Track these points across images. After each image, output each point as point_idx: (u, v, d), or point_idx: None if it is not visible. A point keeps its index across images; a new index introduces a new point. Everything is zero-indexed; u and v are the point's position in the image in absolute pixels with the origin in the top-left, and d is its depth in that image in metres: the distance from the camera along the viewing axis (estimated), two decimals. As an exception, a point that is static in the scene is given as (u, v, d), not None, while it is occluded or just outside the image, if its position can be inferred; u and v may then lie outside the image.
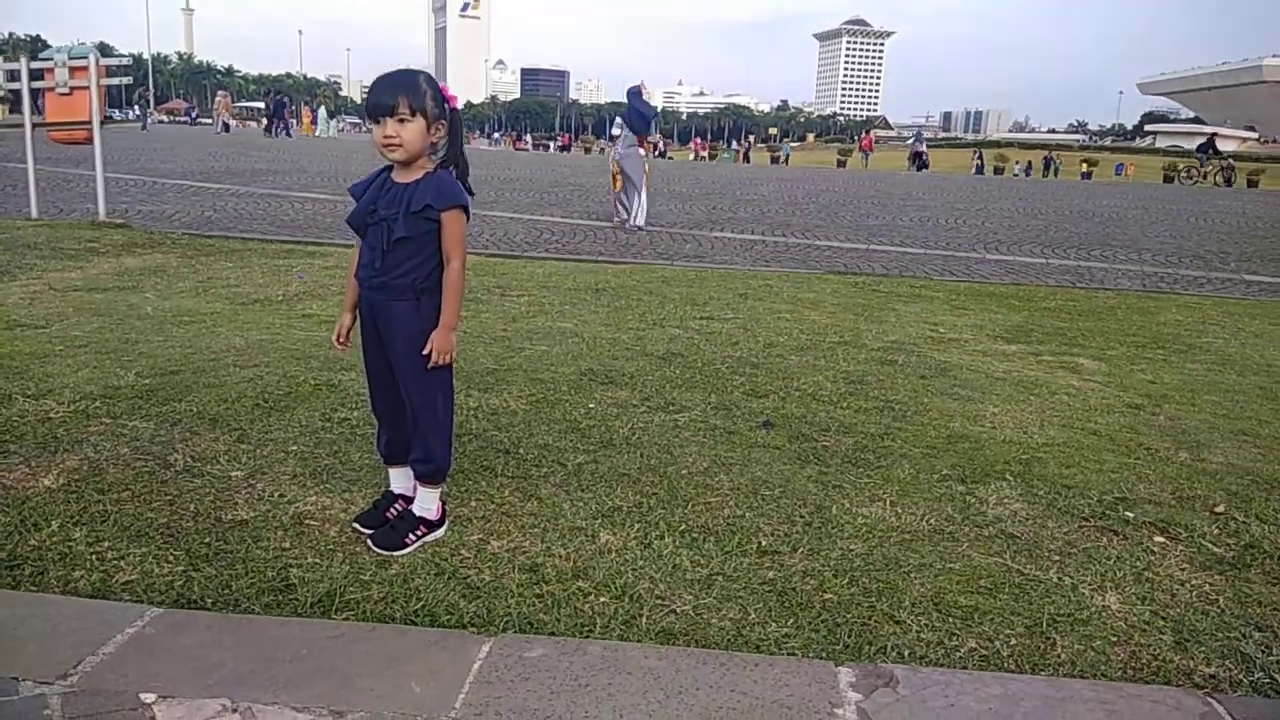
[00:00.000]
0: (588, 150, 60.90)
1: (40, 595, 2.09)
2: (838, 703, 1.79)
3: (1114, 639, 2.15)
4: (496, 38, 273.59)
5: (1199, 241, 13.02)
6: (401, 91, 2.25)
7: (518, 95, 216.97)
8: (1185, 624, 2.23)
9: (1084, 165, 50.70)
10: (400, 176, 2.33)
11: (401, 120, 2.25)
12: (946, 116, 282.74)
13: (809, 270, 8.33)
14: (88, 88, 8.44)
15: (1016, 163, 54.33)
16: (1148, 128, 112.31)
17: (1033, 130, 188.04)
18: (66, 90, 8.48)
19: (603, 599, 2.25)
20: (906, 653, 2.06)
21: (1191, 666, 2.06)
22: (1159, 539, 2.69)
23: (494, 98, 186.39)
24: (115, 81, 8.89)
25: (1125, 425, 3.79)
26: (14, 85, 8.58)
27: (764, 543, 2.56)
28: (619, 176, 11.04)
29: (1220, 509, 2.90)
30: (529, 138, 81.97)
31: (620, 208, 11.16)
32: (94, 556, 2.30)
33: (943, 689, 1.83)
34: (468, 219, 2.36)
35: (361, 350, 2.48)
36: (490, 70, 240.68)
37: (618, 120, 11.68)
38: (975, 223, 14.16)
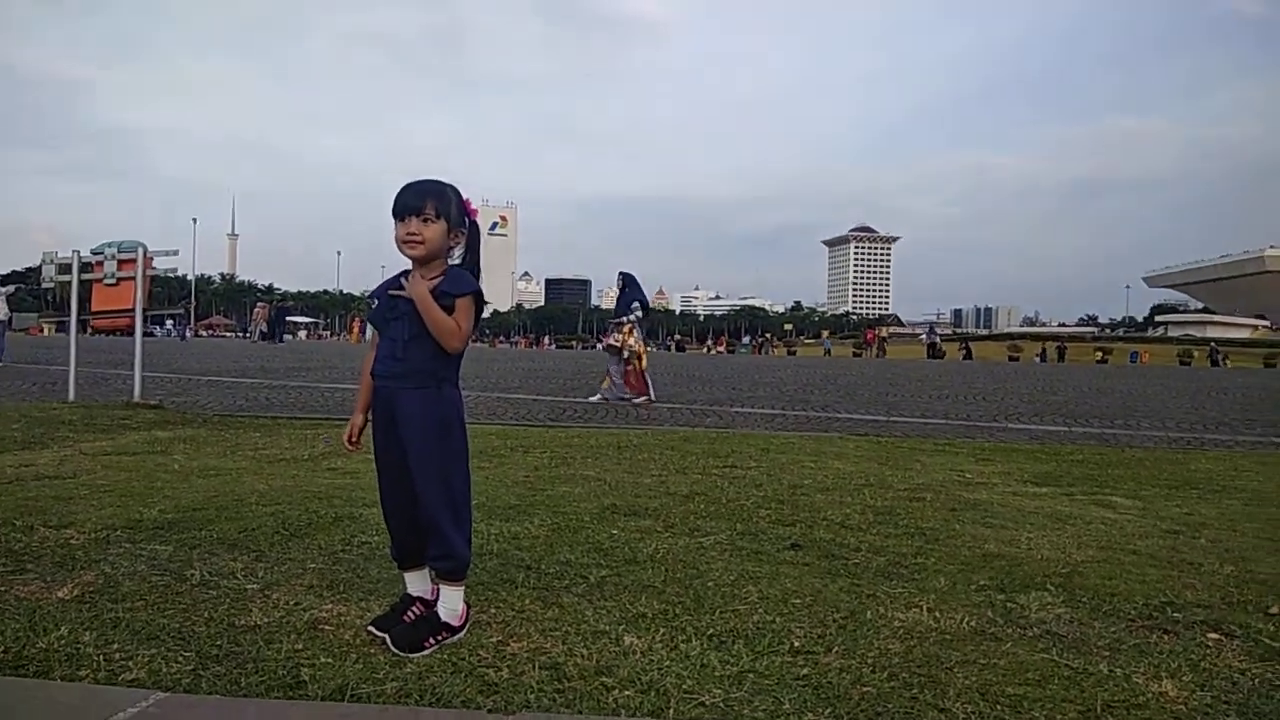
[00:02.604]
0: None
1: (43, 681, 2.01)
2: (881, 769, 1.65)
3: (1177, 722, 2.00)
4: (523, 252, 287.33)
5: (1222, 411, 12.96)
6: (429, 196, 2.39)
7: (542, 303, 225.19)
8: (1251, 708, 2.08)
9: (1098, 354, 51.39)
10: (419, 275, 2.43)
11: (425, 220, 2.37)
12: (957, 313, 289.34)
13: (830, 434, 8.33)
14: (134, 279, 8.91)
15: (1036, 355, 55.21)
16: (1158, 318, 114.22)
17: (1043, 324, 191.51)
18: (114, 281, 8.94)
19: (628, 693, 2.13)
20: (954, 736, 1.93)
21: (1265, 745, 1.90)
22: (1212, 636, 2.54)
23: (519, 306, 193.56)
24: (162, 271, 9.35)
25: (1165, 546, 3.66)
26: (64, 278, 9.07)
27: (796, 644, 2.44)
28: (645, 355, 11.41)
29: (1275, 610, 2.75)
30: (547, 339, 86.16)
31: (649, 384, 11.43)
32: (101, 657, 2.22)
33: (995, 755, 1.69)
34: (479, 312, 2.43)
35: (374, 450, 2.48)
36: (517, 281, 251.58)
37: (634, 304, 11.96)
38: (995, 399, 14.21)
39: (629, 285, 12.00)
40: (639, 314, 11.94)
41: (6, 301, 16.63)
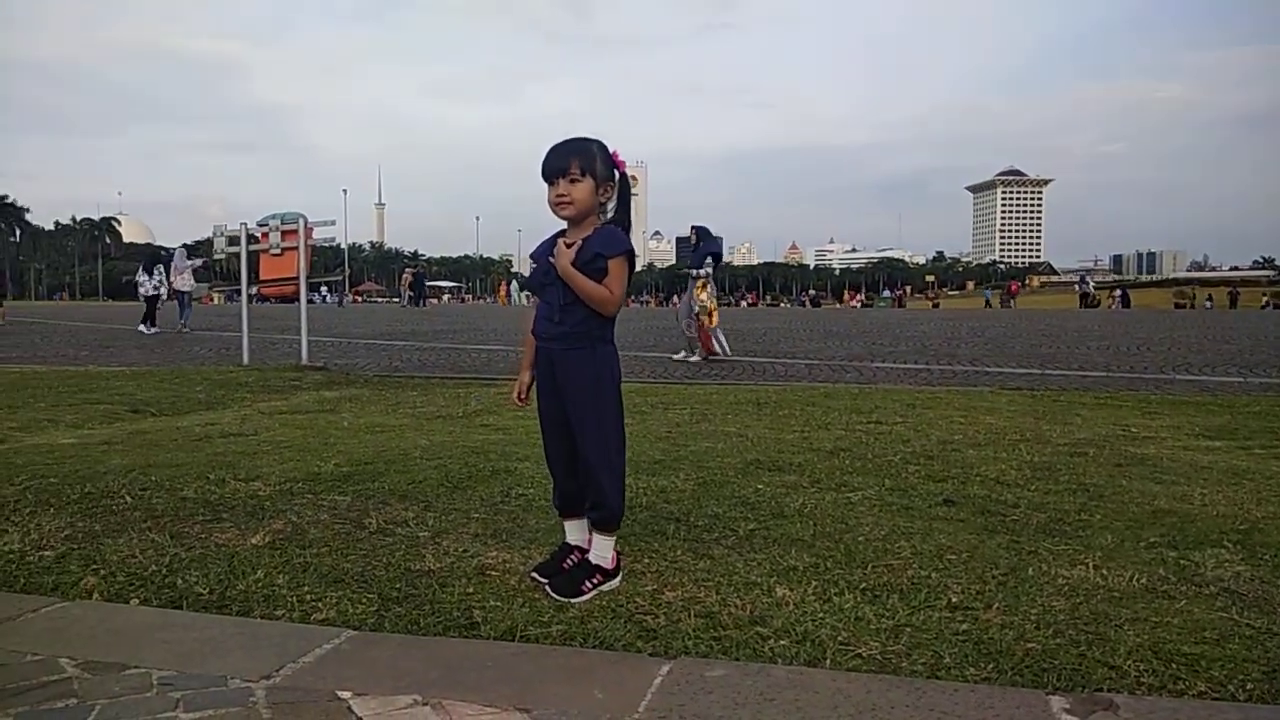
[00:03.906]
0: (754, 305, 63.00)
1: (246, 619, 2.22)
2: (1050, 724, 1.63)
3: (1379, 687, 1.87)
4: (653, 211, 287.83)
5: None
6: (573, 155, 2.44)
7: (673, 261, 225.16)
8: None
9: (1264, 298, 47.67)
10: (572, 236, 2.49)
11: (573, 180, 2.42)
12: (1117, 259, 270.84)
13: (980, 388, 8.05)
14: (297, 248, 9.47)
15: (1205, 302, 51.59)
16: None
17: (1213, 269, 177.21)
18: (279, 251, 9.53)
19: (782, 642, 2.17)
20: (1127, 693, 1.87)
21: None
22: None
23: (651, 265, 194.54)
24: (322, 239, 9.88)
25: (1362, 504, 3.39)
26: (234, 249, 9.73)
27: (954, 599, 2.41)
28: (715, 312, 11.06)
29: None
30: (676, 299, 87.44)
31: (719, 342, 11.09)
32: (294, 598, 2.43)
33: (1171, 714, 1.64)
34: (632, 268, 2.47)
35: (538, 403, 2.58)
36: (648, 241, 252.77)
37: (707, 259, 11.37)
38: (1160, 349, 13.36)
39: (702, 238, 11.62)
40: (711, 268, 11.57)
41: (193, 273, 17.92)
